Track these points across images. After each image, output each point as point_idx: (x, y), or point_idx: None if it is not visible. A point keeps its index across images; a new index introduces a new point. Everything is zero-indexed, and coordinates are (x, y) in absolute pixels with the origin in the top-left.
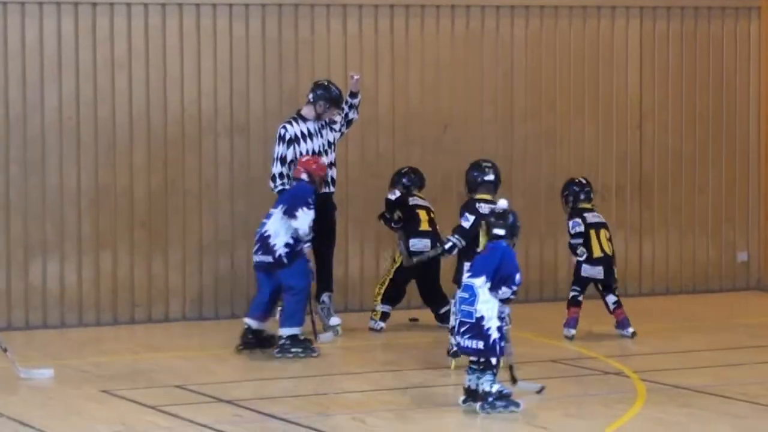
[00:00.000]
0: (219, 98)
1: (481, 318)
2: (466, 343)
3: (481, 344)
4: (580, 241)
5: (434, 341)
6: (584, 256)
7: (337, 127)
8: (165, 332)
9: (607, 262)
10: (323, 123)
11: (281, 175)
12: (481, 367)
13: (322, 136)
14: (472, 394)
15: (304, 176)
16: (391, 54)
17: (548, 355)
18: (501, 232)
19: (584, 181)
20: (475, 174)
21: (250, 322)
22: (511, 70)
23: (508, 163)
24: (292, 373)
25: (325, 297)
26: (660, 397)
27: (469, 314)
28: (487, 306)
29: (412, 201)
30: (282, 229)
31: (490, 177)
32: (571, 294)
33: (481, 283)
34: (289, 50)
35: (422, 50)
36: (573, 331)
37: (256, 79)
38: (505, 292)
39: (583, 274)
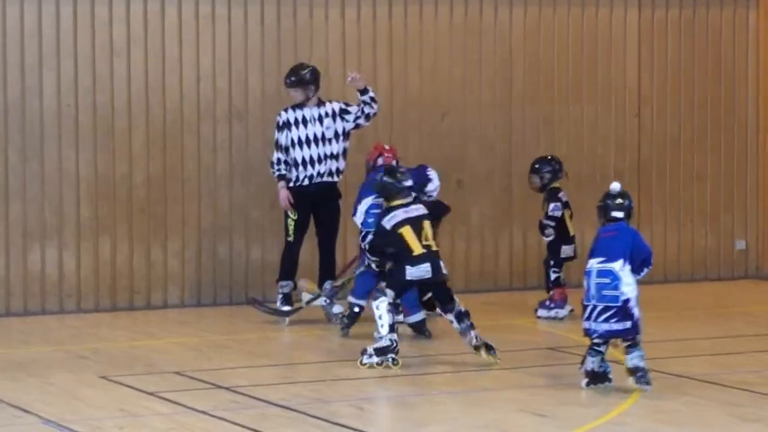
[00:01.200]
0: (217, 84)
1: (627, 300)
2: (613, 326)
3: (628, 324)
4: (553, 223)
5: (435, 330)
6: (552, 237)
7: (350, 117)
8: (163, 319)
9: (575, 241)
10: (327, 112)
11: (278, 160)
12: (629, 344)
13: (322, 124)
14: (595, 377)
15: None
16: (389, 40)
17: (546, 342)
18: (619, 214)
19: (557, 159)
20: (390, 181)
21: (364, 303)
22: (510, 57)
23: (507, 150)
24: (290, 359)
25: (327, 285)
26: (658, 385)
27: (615, 298)
28: (631, 288)
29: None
30: None
31: (409, 183)
32: (554, 275)
33: (620, 267)
34: (288, 36)
35: (420, 37)
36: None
37: (254, 65)
38: (645, 272)
39: (562, 255)
